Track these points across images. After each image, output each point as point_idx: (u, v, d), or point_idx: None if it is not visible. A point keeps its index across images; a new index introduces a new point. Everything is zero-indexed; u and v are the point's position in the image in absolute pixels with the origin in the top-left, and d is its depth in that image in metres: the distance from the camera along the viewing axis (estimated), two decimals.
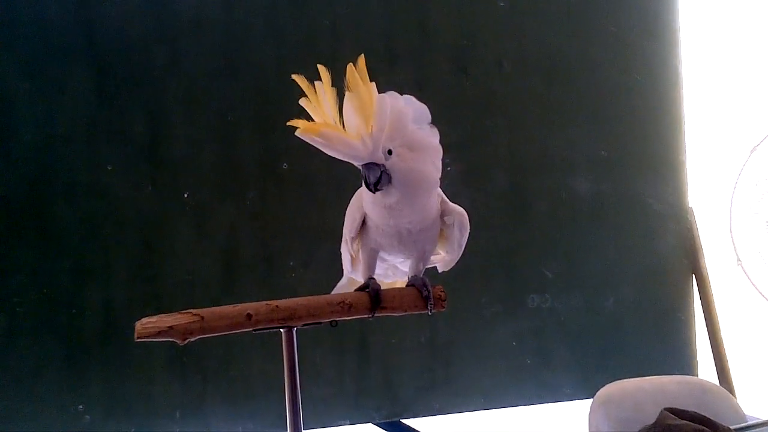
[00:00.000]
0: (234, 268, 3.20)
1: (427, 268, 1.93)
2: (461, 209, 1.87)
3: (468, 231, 1.89)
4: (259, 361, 3.15)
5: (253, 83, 3.25)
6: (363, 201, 1.80)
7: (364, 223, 1.86)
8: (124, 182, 3.13)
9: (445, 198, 1.87)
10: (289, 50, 3.27)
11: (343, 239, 1.97)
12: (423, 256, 1.88)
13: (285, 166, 3.23)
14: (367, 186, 1.66)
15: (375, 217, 1.79)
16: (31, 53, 3.09)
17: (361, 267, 1.92)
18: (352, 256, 1.97)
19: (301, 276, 3.19)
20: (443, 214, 1.86)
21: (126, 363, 3.08)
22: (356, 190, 1.87)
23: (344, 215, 1.92)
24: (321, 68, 1.67)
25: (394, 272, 2.04)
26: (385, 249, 1.87)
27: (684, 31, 3.62)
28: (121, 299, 3.11)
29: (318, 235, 3.16)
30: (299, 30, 3.29)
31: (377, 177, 1.64)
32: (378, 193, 1.67)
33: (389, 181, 1.65)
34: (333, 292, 2.08)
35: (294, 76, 1.64)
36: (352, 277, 2.09)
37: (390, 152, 1.64)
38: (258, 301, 1.71)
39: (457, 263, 2.02)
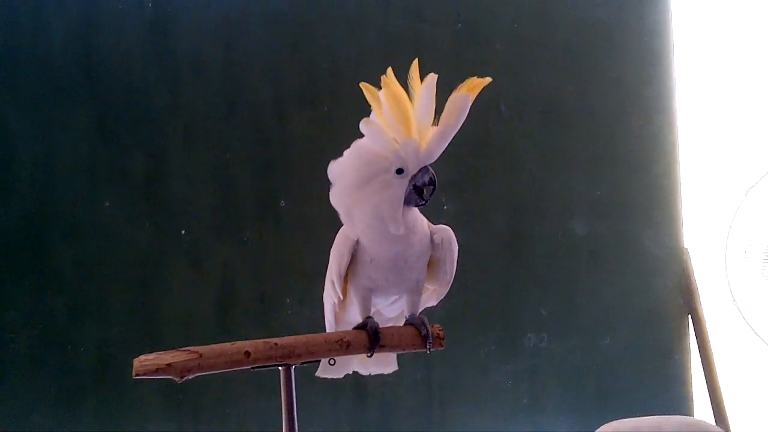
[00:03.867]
0: (230, 306, 3.20)
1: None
2: (446, 227, 1.83)
3: (457, 248, 1.84)
4: (255, 398, 3.14)
5: (252, 123, 3.28)
6: (363, 233, 1.74)
7: (352, 260, 1.81)
8: (122, 220, 3.14)
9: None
10: (287, 91, 3.30)
11: (327, 286, 1.93)
12: (417, 289, 1.86)
13: (282, 204, 3.24)
14: (420, 195, 1.64)
15: (379, 247, 1.74)
16: (32, 92, 3.12)
17: (356, 308, 1.88)
18: (338, 300, 1.91)
19: (297, 314, 3.19)
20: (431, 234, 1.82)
21: (121, 401, 3.06)
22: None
23: None
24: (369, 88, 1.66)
25: (378, 318, 1.97)
26: (378, 285, 1.82)
27: (680, 75, 3.66)
28: (116, 337, 3.10)
29: (314, 273, 3.12)
30: (298, 71, 3.33)
31: (434, 178, 1.63)
32: (403, 210, 1.65)
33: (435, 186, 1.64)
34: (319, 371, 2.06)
35: (362, 85, 1.68)
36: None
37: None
38: (254, 338, 1.71)
39: (454, 302, 2.02)
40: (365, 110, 1.67)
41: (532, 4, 3.55)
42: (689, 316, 3.58)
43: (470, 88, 1.60)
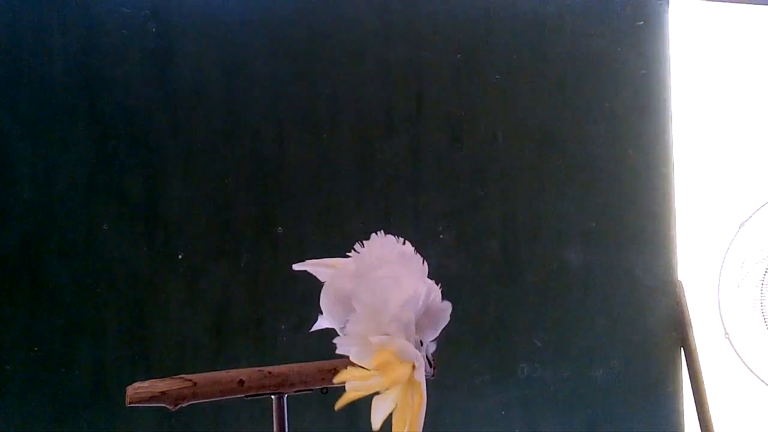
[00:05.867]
0: (226, 330, 3.20)
1: None
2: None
3: None
4: (248, 426, 3.13)
5: (251, 148, 3.29)
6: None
7: None
8: (119, 241, 3.15)
9: None
10: (287, 118, 3.33)
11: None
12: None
13: (280, 230, 3.26)
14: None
15: None
16: (33, 112, 3.14)
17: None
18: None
19: (291, 339, 3.20)
20: None
21: (114, 424, 3.06)
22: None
23: None
24: None
25: None
26: None
27: (676, 108, 3.70)
28: (111, 359, 3.10)
29: (310, 299, 3.16)
30: (298, 97, 3.35)
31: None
32: None
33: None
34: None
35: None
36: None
37: (421, 342, 1.52)
38: (248, 363, 1.73)
39: (448, 331, 2.01)
40: (364, 139, 1.69)
41: (531, 35, 3.58)
42: (681, 348, 3.59)
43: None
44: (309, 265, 1.89)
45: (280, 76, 3.35)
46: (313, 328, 1.92)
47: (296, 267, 1.90)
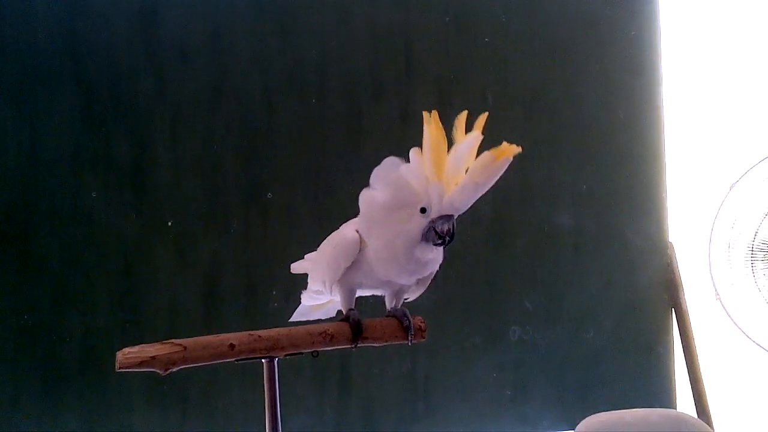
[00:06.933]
0: (216, 296, 3.20)
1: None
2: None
3: None
4: (240, 390, 3.14)
5: (239, 113, 3.27)
6: (375, 249, 1.73)
7: None
8: (108, 209, 3.14)
9: None
10: (275, 80, 3.30)
11: (315, 278, 1.94)
12: (402, 289, 1.87)
13: (269, 195, 3.24)
14: (441, 238, 1.63)
15: (384, 269, 1.74)
16: (17, 79, 3.10)
17: (340, 301, 1.89)
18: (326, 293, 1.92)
19: (283, 305, 3.20)
20: None
21: (105, 391, 3.06)
22: (336, 228, 1.85)
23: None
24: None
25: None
26: (366, 286, 1.85)
27: (666, 70, 3.68)
28: (101, 327, 3.10)
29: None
30: (285, 60, 3.32)
31: (453, 230, 1.64)
32: (421, 246, 1.66)
33: (452, 237, 1.64)
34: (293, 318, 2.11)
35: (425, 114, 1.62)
36: (311, 304, 2.10)
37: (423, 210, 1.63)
38: (240, 330, 1.71)
39: (439, 294, 2.02)
40: (352, 102, 1.68)
41: None
42: (673, 309, 3.60)
43: (500, 153, 1.60)
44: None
45: (266, 40, 3.31)
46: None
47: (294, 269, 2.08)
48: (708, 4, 3.77)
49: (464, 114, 1.63)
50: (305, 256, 2.06)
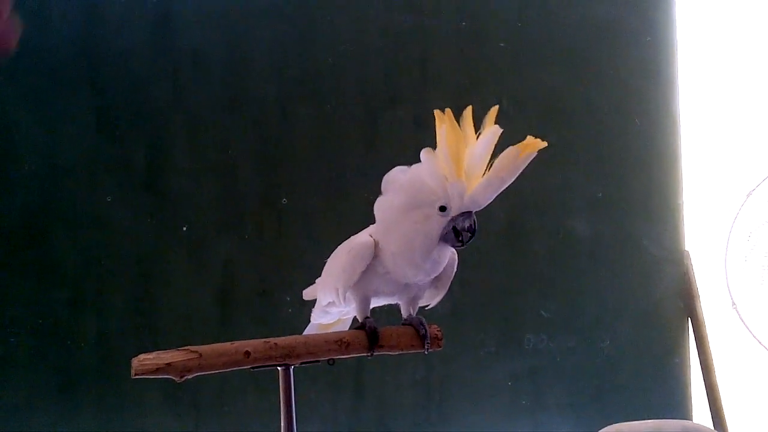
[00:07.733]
0: (231, 302, 3.20)
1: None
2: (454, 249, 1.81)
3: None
4: (254, 397, 3.14)
5: (255, 118, 3.27)
6: (392, 252, 1.72)
7: None
8: (124, 214, 3.14)
9: None
10: (290, 86, 3.30)
11: (327, 289, 1.91)
12: (417, 296, 1.86)
13: (284, 201, 3.24)
14: (460, 237, 1.64)
15: (401, 270, 1.73)
16: (34, 84, 3.11)
17: (355, 309, 1.86)
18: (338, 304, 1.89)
19: (297, 311, 3.19)
20: None
21: (120, 396, 3.07)
22: (354, 233, 1.84)
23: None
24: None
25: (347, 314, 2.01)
26: (381, 295, 1.83)
27: (683, 76, 3.66)
28: (116, 331, 3.10)
29: (315, 270, 3.15)
30: (301, 66, 3.32)
31: (475, 226, 1.65)
32: (438, 247, 1.66)
33: (473, 234, 1.65)
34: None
35: (437, 113, 1.62)
36: (320, 323, 2.07)
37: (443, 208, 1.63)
38: (254, 335, 1.70)
39: (453, 302, 2.01)
40: (367, 108, 1.67)
41: (536, 2, 3.54)
42: (689, 318, 3.57)
43: (525, 147, 1.63)
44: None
45: (282, 47, 3.31)
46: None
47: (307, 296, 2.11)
48: (724, 10, 3.75)
49: (469, 109, 1.63)
50: (316, 281, 2.05)
